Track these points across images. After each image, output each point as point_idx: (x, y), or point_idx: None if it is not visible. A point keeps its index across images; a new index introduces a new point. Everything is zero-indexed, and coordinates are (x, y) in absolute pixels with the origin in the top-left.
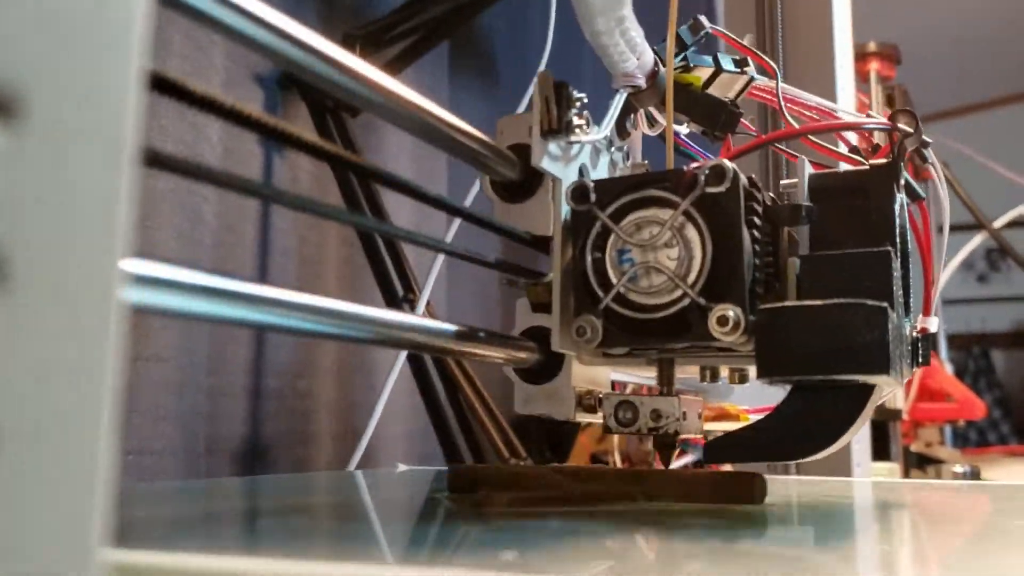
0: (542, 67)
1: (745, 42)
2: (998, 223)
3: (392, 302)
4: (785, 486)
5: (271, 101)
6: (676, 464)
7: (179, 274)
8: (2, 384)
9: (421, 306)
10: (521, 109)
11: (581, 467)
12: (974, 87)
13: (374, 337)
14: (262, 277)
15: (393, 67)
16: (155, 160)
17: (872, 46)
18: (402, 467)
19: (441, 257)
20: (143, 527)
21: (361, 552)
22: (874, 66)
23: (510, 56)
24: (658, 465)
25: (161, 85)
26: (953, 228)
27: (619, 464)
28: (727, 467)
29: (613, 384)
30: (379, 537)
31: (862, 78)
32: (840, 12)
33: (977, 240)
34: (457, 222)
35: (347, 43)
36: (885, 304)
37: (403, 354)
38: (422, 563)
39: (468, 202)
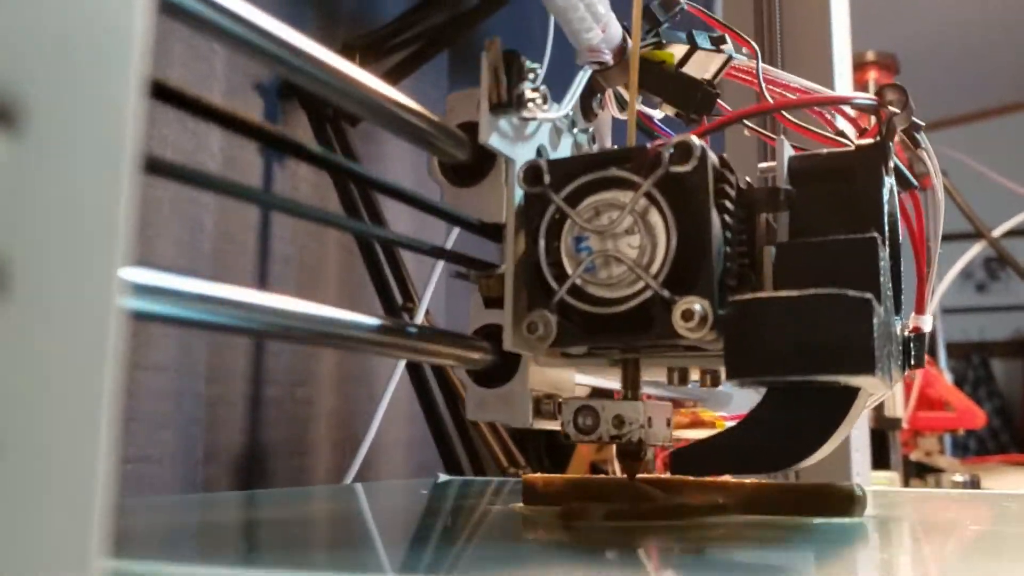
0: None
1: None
2: (997, 232)
3: (391, 311)
4: None
5: (271, 110)
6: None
7: (178, 282)
8: (2, 392)
9: (420, 315)
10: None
11: (664, 478)
12: (972, 96)
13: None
14: (262, 286)
15: (393, 76)
16: (155, 167)
17: (870, 55)
18: (443, 477)
19: (440, 267)
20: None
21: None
22: (872, 75)
23: None
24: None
25: (161, 93)
26: (952, 237)
27: (618, 474)
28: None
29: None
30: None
31: (860, 87)
32: (839, 21)
33: (976, 249)
34: (456, 231)
35: (347, 52)
36: (870, 295)
37: (402, 363)
38: (420, 571)
39: None
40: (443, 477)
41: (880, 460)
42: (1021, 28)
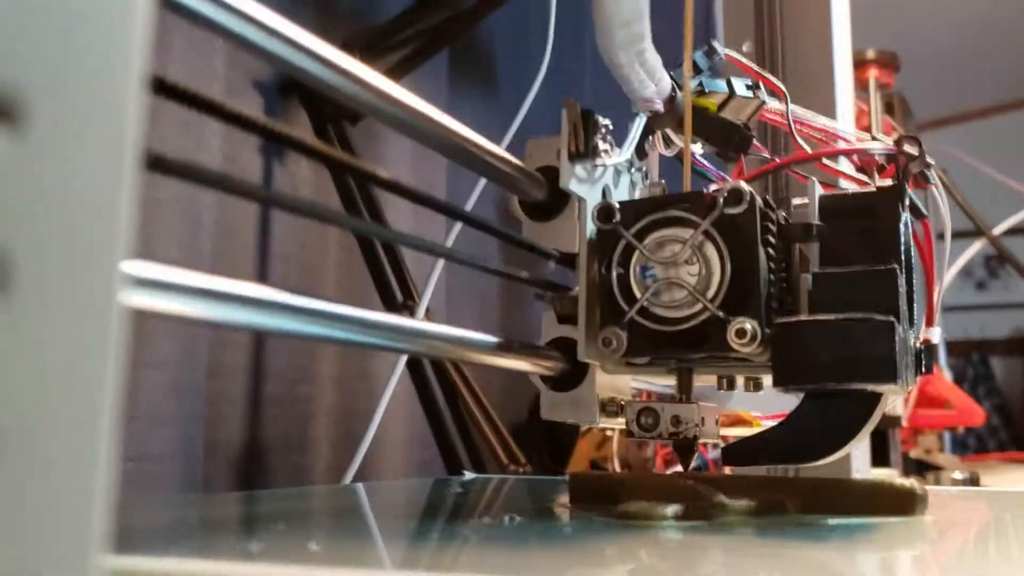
0: (541, 75)
1: (744, 48)
2: (997, 230)
3: (391, 309)
4: None
5: (272, 107)
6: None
7: (180, 276)
8: (3, 388)
9: (420, 312)
10: (519, 118)
11: (716, 475)
12: (973, 94)
13: (387, 343)
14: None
15: (392, 75)
16: (155, 163)
17: (871, 54)
18: (469, 475)
19: (440, 264)
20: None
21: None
22: (873, 73)
23: (509, 64)
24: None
25: (161, 88)
26: (952, 235)
27: (618, 470)
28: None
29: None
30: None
31: (861, 86)
32: (839, 20)
33: (976, 247)
34: (456, 228)
35: (346, 50)
36: (892, 318)
37: (402, 361)
38: (421, 568)
39: (468, 209)
40: (469, 475)
41: (880, 458)
42: (1021, 26)
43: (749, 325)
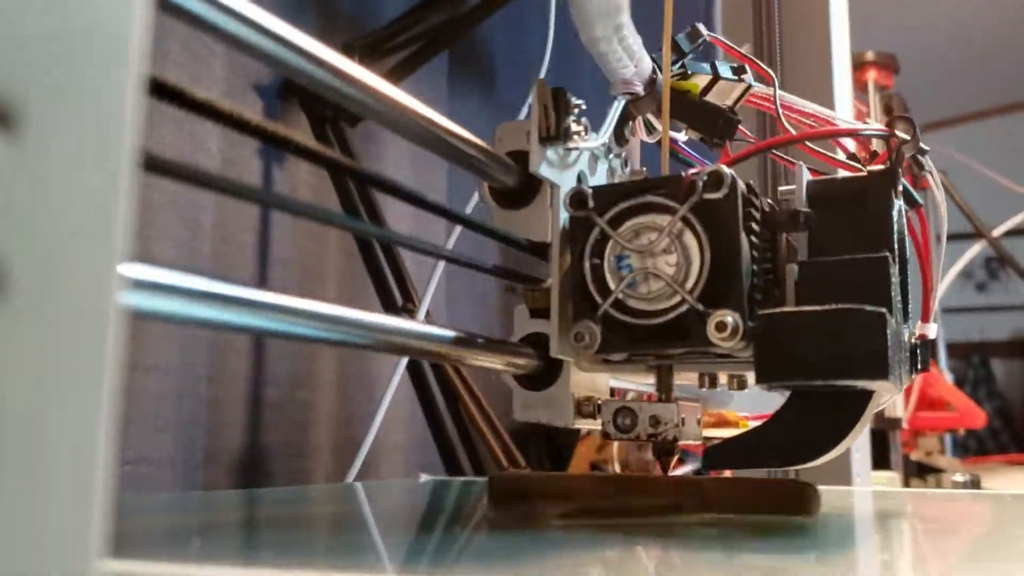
0: (541, 76)
1: (743, 51)
2: (997, 232)
3: (391, 312)
4: None
5: (271, 111)
6: (676, 472)
7: (179, 279)
8: (1, 393)
9: (421, 315)
10: (520, 119)
11: (631, 476)
12: (972, 96)
13: (372, 343)
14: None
15: (392, 77)
16: (153, 165)
17: (870, 55)
18: (424, 477)
19: (440, 267)
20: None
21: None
22: (872, 75)
23: (509, 67)
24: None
25: (160, 90)
26: (952, 237)
27: (618, 472)
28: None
29: (613, 391)
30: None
31: (860, 87)
32: (838, 21)
33: (976, 249)
34: (456, 232)
35: (346, 53)
36: (884, 309)
37: (402, 364)
38: (421, 571)
39: (468, 211)
40: (424, 477)
41: (880, 460)
42: (1021, 28)
43: (730, 318)
